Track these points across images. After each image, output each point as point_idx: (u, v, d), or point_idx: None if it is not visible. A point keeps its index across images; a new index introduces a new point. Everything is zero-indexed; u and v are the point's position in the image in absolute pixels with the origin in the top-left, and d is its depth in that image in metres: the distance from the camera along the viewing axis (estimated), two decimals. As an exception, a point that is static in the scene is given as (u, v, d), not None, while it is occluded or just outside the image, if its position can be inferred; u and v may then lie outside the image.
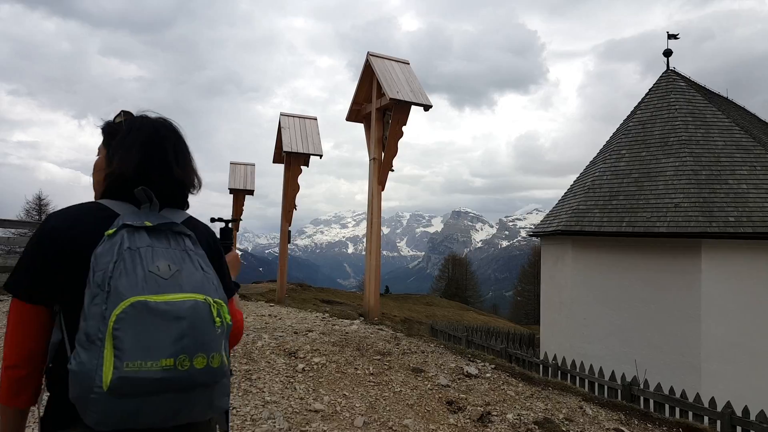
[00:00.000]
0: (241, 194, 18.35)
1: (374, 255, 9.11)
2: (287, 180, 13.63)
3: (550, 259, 19.99)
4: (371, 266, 9.11)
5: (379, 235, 9.22)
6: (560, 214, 19.37)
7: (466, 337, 18.64)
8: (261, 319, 7.77)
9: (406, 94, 8.67)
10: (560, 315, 18.95)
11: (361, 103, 9.97)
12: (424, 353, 6.13)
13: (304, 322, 7.77)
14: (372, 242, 9.15)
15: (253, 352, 5.65)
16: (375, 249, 9.13)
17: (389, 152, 9.11)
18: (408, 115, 8.90)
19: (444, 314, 28.80)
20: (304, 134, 13.61)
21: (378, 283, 9.13)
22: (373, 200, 9.20)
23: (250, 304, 10.28)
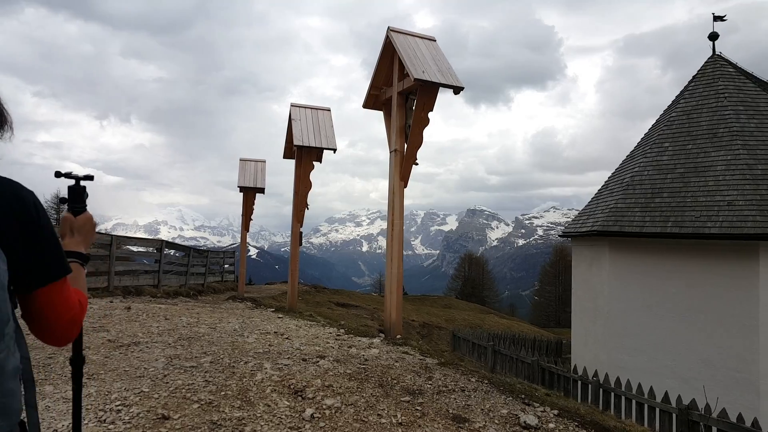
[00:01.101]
0: (251, 192, 17.23)
1: (396, 262, 7.85)
2: (298, 177, 12.43)
3: (584, 261, 18.52)
4: (392, 275, 7.84)
5: (401, 238, 7.95)
6: (595, 212, 17.90)
7: (492, 347, 17.31)
8: (265, 339, 6.55)
9: (433, 74, 7.39)
10: (595, 323, 17.50)
11: (380, 87, 8.70)
12: (465, 392, 4.85)
13: (314, 342, 6.53)
14: (393, 247, 7.88)
15: (251, 390, 4.44)
16: (397, 255, 7.86)
17: (413, 143, 7.84)
18: (435, 99, 7.64)
19: (464, 318, 27.47)
20: (317, 127, 12.40)
21: (400, 296, 7.87)
22: (394, 198, 7.94)
23: (256, 315, 9.08)
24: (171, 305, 10.28)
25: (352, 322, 19.37)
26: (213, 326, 7.26)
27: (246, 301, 16.32)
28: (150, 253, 14.12)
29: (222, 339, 6.34)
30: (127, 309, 8.36)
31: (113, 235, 11.86)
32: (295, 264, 12.48)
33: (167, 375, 4.75)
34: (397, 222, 7.92)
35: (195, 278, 18.11)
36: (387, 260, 8.01)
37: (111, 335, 6.18)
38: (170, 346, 5.83)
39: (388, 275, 7.97)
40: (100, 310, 8.04)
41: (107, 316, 7.49)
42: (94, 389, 4.26)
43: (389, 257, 7.97)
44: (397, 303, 7.85)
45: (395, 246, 7.89)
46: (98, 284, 11.41)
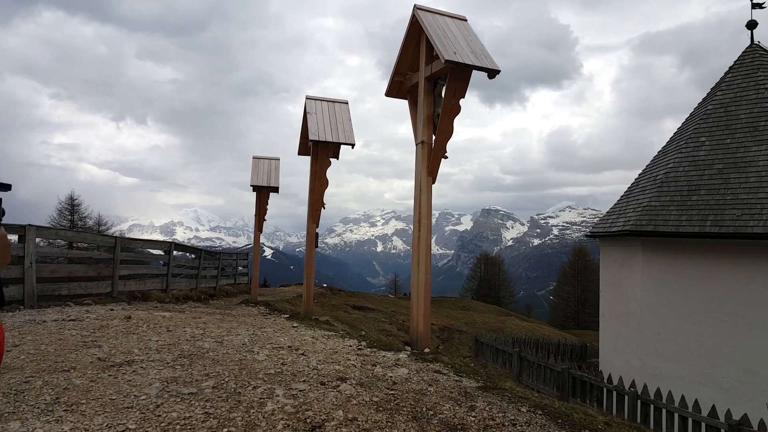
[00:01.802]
0: (264, 191, 16.50)
1: (423, 266, 7.02)
2: (314, 174, 11.66)
3: (613, 263, 17.51)
4: (419, 281, 7.01)
5: (429, 240, 7.12)
6: (626, 211, 16.89)
7: (517, 353, 16.37)
8: (277, 355, 5.75)
9: (466, 55, 6.55)
10: (627, 328, 16.50)
11: (404, 72, 7.87)
12: (516, 426, 3.99)
13: (333, 359, 5.72)
14: (420, 250, 7.05)
15: (259, 426, 3.64)
16: (424, 258, 7.03)
17: (442, 133, 7.00)
18: (467, 84, 6.79)
19: (483, 321, 26.54)
20: (334, 120, 11.61)
21: (428, 305, 7.03)
22: (421, 195, 7.11)
23: (268, 324, 8.30)
24: (177, 312, 9.56)
25: (370, 327, 18.60)
26: (220, 339, 6.49)
27: (259, 305, 15.60)
28: (158, 256, 13.46)
29: (228, 356, 5.56)
30: (127, 319, 7.63)
31: (117, 237, 11.20)
32: (310, 266, 11.72)
33: (160, 405, 3.97)
34: (424, 222, 7.09)
35: (206, 281, 17.46)
36: (413, 264, 7.18)
37: (103, 352, 5.44)
38: (168, 365, 5.07)
39: (414, 281, 7.14)
40: (96, 321, 7.33)
41: (103, 328, 6.76)
42: (69, 426, 3.51)
43: (416, 261, 7.14)
44: (424, 312, 7.02)
45: (422, 248, 7.05)
46: (101, 289, 10.74)
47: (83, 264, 10.27)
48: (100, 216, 56.08)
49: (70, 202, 50.93)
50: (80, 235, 9.79)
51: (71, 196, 51.05)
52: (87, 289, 10.31)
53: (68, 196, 51.40)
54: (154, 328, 6.99)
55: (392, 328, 19.32)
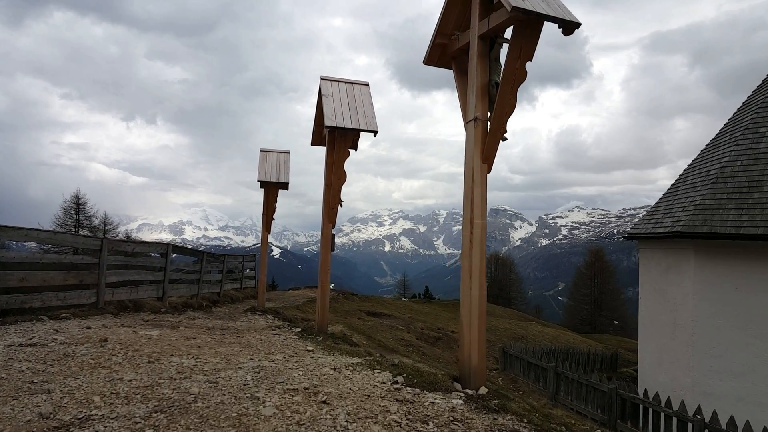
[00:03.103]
0: (273, 188, 14.96)
1: (477, 279, 5.43)
2: (330, 166, 10.09)
3: (657, 267, 15.81)
4: (472, 298, 5.42)
5: (483, 245, 5.53)
6: (673, 210, 15.19)
7: (554, 368, 14.73)
8: (290, 405, 4.16)
9: (536, 3, 4.95)
10: (674, 340, 14.80)
11: (449, 33, 6.27)
12: None
13: (367, 412, 4.13)
14: (473, 257, 5.45)
15: None
16: (478, 270, 5.44)
17: (502, 107, 5.42)
18: (537, 43, 5.20)
19: (505, 328, 24.89)
20: (353, 104, 10.04)
21: (482, 329, 5.43)
22: (473, 188, 5.52)
23: (277, 347, 6.71)
24: (169, 329, 8.02)
25: (388, 336, 17.04)
26: (214, 377, 4.93)
27: (266, 314, 14.06)
28: (153, 259, 11.95)
29: (223, 409, 4.00)
30: (102, 343, 6.10)
31: (103, 238, 9.68)
32: (326, 272, 10.16)
33: None
34: (477, 222, 5.49)
35: (209, 286, 15.95)
36: (463, 276, 5.59)
37: (51, 403, 3.91)
38: (136, 429, 3.53)
39: (465, 298, 5.54)
40: (61, 346, 5.80)
41: (66, 358, 5.23)
42: None
43: (467, 272, 5.54)
44: (479, 339, 5.41)
45: (476, 256, 5.45)
46: (83, 300, 9.23)
47: (62, 270, 8.77)
48: (106, 215, 54.95)
49: (75, 201, 49.78)
50: (58, 237, 8.29)
51: (77, 195, 49.87)
52: (66, 299, 8.81)
53: (73, 195, 50.26)
54: (132, 358, 5.45)
55: (411, 337, 17.76)
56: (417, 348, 16.58)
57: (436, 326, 20.92)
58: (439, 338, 19.27)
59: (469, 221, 5.53)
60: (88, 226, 51.10)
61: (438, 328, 20.63)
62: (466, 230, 5.58)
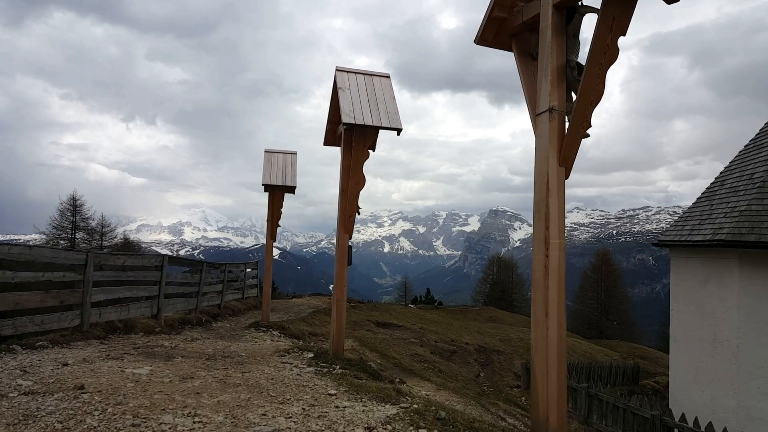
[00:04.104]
0: (278, 191, 13.76)
1: (554, 317, 4.22)
2: (347, 169, 8.88)
3: (693, 277, 14.60)
4: (549, 343, 4.21)
5: (562, 273, 4.34)
6: (713, 216, 14.00)
7: (585, 389, 13.54)
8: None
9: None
10: (714, 357, 13.60)
11: (510, 3, 5.05)
12: None
13: None
14: (550, 288, 4.25)
15: None
16: (555, 306, 4.24)
17: (587, 94, 4.26)
18: (633, 13, 4.01)
19: (519, 337, 23.68)
20: (373, 99, 8.84)
21: (562, 380, 4.23)
22: (549, 198, 4.33)
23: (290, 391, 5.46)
24: (162, 362, 6.80)
25: (401, 351, 15.82)
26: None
27: (271, 329, 12.85)
28: (146, 269, 10.72)
29: None
30: (77, 392, 4.88)
31: (89, 251, 8.45)
32: (341, 290, 8.92)
33: None
34: (554, 242, 4.28)
35: (209, 298, 14.73)
36: (535, 313, 4.37)
37: None
38: None
39: (538, 341, 4.32)
40: (24, 399, 4.57)
41: (26, 420, 4.02)
42: None
43: (541, 307, 4.33)
44: (558, 395, 4.19)
45: (553, 286, 4.25)
46: (65, 323, 8.00)
47: (39, 290, 7.55)
48: (103, 217, 53.60)
49: (72, 203, 48.40)
50: (33, 251, 7.08)
51: (73, 197, 48.51)
52: (44, 324, 7.59)
53: (70, 197, 48.86)
54: (112, 417, 4.23)
55: (425, 351, 16.55)
56: (433, 364, 15.39)
57: (449, 338, 19.72)
58: (454, 351, 18.08)
59: (542, 241, 4.33)
60: (85, 228, 49.76)
61: (451, 340, 19.43)
62: (538, 253, 4.38)
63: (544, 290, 4.27)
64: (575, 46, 4.55)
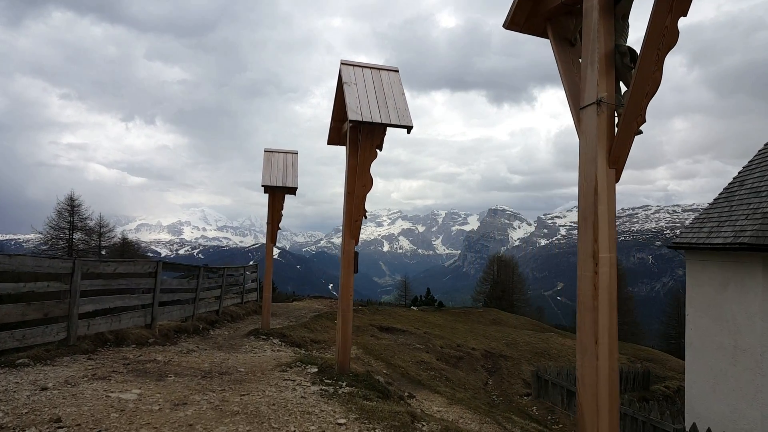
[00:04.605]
0: (279, 193, 13.15)
1: (606, 348, 3.63)
2: (353, 170, 8.28)
3: (711, 282, 14.00)
4: (599, 375, 3.61)
5: (613, 293, 3.73)
6: (733, 218, 13.40)
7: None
8: None
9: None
10: (735, 366, 13.00)
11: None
12: None
13: None
14: (600, 312, 3.65)
15: None
16: (606, 332, 3.64)
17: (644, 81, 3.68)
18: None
19: (525, 341, 23.09)
20: (381, 94, 8.23)
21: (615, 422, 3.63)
22: (596, 206, 3.73)
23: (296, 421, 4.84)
24: (153, 383, 6.19)
25: (407, 358, 15.22)
26: None
27: (272, 337, 12.26)
28: (139, 276, 10.09)
29: None
30: (52, 427, 4.28)
31: (76, 259, 7.84)
32: (347, 300, 8.31)
33: None
34: (604, 256, 3.68)
35: (207, 304, 14.12)
36: (581, 340, 3.77)
37: None
38: None
39: (586, 373, 3.72)
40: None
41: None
42: None
43: (589, 333, 3.72)
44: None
45: (604, 309, 3.65)
46: (49, 337, 7.39)
47: (20, 302, 6.95)
48: (101, 217, 52.88)
49: (69, 203, 47.71)
50: (13, 261, 6.47)
51: (71, 197, 47.81)
52: (26, 339, 6.98)
53: (68, 197, 48.15)
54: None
55: (431, 358, 15.96)
56: (439, 372, 14.79)
57: (454, 343, 19.12)
58: (461, 358, 17.49)
59: (590, 255, 3.72)
60: (83, 228, 49.09)
61: (457, 345, 18.83)
62: (586, 269, 3.77)
63: (593, 312, 3.67)
64: (624, 29, 3.95)
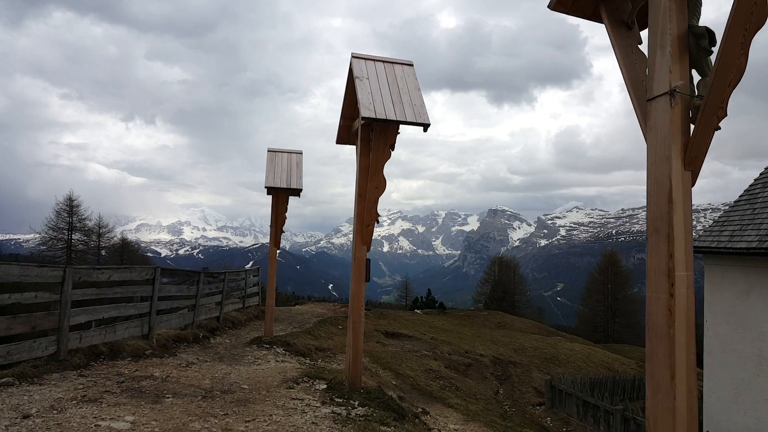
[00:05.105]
0: (283, 194, 12.58)
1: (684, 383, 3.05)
2: (365, 171, 7.70)
3: (732, 287, 13.41)
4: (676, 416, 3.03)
5: (691, 317, 3.16)
6: (756, 221, 12.82)
7: (622, 413, 12.37)
8: None
9: None
10: (759, 376, 12.41)
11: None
12: None
13: None
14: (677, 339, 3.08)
15: None
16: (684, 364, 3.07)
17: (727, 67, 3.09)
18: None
19: (533, 346, 22.51)
20: (395, 89, 7.66)
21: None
22: (671, 214, 3.15)
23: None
24: (148, 406, 5.61)
25: (414, 366, 14.62)
26: None
27: (275, 346, 11.69)
28: (136, 283, 9.53)
29: None
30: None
31: (67, 267, 7.26)
32: (358, 311, 7.74)
33: None
34: (681, 275, 3.12)
35: (207, 311, 13.55)
36: (651, 374, 3.20)
37: None
38: None
39: (661, 416, 3.16)
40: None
41: None
42: None
43: (664, 366, 3.15)
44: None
45: (681, 335, 3.07)
46: (37, 352, 6.81)
47: (5, 315, 6.37)
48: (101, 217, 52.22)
49: (68, 203, 47.06)
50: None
51: (70, 197, 47.16)
52: (11, 355, 6.41)
53: (67, 197, 47.48)
54: None
55: (439, 366, 15.38)
56: (449, 381, 14.21)
57: (462, 349, 18.54)
58: (469, 365, 16.91)
59: (664, 273, 3.15)
60: (81, 229, 48.44)
61: (465, 351, 18.25)
62: (658, 290, 3.19)
63: (669, 342, 3.09)
64: (697, 8, 3.38)
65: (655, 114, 3.31)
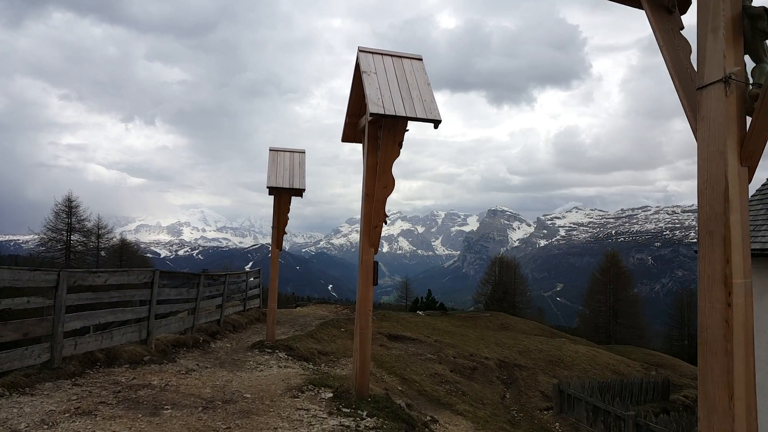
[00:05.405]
0: (285, 195, 12.25)
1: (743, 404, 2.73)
2: (372, 170, 7.38)
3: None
4: None
5: (749, 329, 2.83)
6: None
7: (633, 418, 12.04)
8: None
9: None
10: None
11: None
12: None
13: None
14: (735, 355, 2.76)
15: None
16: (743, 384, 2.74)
17: None
18: None
19: (538, 348, 22.17)
20: (404, 85, 7.34)
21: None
22: (727, 215, 2.82)
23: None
24: (145, 420, 5.28)
25: (419, 370, 14.30)
26: None
27: (278, 351, 11.36)
28: (134, 287, 9.20)
29: None
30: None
31: (61, 271, 6.93)
32: (366, 315, 7.42)
33: None
34: (738, 282, 2.80)
35: (207, 314, 13.22)
36: (706, 393, 2.90)
37: None
38: None
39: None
40: None
41: None
42: None
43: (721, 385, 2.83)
44: None
45: (739, 351, 2.76)
46: (29, 360, 6.48)
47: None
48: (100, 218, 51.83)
49: (67, 204, 46.68)
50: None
51: (69, 198, 46.78)
52: (2, 363, 6.08)
53: (65, 198, 47.10)
54: None
55: (444, 370, 15.05)
56: (455, 386, 13.89)
57: (467, 352, 18.21)
58: (475, 368, 16.58)
59: (720, 281, 2.83)
60: (80, 230, 48.07)
61: (470, 354, 17.91)
62: (713, 300, 2.87)
63: (727, 358, 2.77)
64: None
65: (707, 104, 2.98)
